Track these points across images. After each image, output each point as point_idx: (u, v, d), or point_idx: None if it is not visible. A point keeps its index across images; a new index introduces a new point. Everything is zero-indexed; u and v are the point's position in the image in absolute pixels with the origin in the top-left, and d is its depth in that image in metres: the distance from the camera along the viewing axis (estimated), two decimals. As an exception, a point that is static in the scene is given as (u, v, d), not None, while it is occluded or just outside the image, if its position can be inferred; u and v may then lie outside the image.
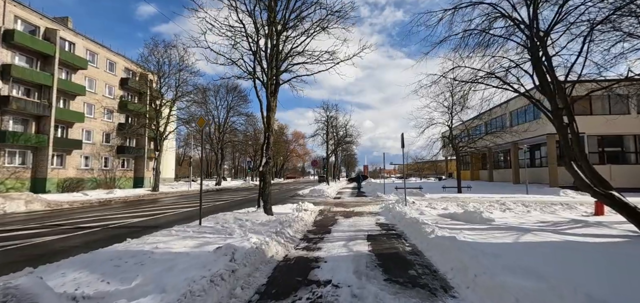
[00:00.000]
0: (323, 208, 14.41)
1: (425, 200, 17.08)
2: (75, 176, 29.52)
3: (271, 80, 10.64)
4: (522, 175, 30.24)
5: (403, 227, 8.72)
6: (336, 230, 8.78)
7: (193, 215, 12.03)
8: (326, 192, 22.07)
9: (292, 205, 13.74)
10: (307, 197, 20.70)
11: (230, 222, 8.62)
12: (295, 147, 76.78)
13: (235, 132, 43.51)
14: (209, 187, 35.31)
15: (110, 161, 33.91)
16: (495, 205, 12.33)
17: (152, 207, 15.49)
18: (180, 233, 6.84)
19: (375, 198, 19.72)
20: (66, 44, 28.93)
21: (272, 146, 10.71)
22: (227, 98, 39.02)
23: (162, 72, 26.53)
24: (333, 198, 20.76)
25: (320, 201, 18.25)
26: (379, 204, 15.72)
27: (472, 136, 23.91)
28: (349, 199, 19.80)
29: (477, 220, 8.88)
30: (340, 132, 38.31)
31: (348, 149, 54.96)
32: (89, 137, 31.54)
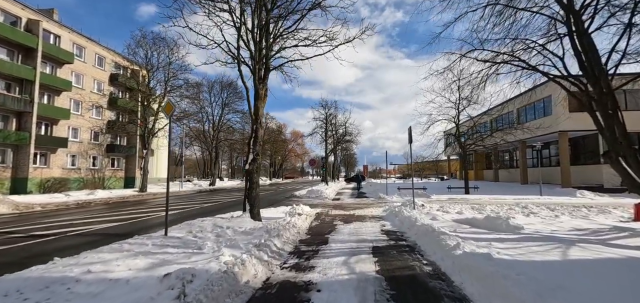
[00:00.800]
0: (320, 212, 12.96)
1: (433, 201, 15.64)
2: (60, 176, 28.01)
3: (259, 64, 9.17)
4: (531, 175, 28.86)
5: (415, 236, 7.26)
6: (335, 239, 7.33)
7: (174, 219, 10.58)
8: (324, 193, 20.62)
9: (286, 208, 12.29)
10: (304, 199, 19.24)
11: (207, 230, 7.16)
12: (294, 146, 75.31)
13: (231, 130, 41.95)
14: (202, 187, 33.86)
15: (99, 160, 32.38)
16: (515, 209, 10.89)
17: (132, 210, 14.01)
18: (134, 247, 5.38)
19: (378, 200, 18.27)
20: (51, 36, 27.42)
21: (260, 141, 9.26)
22: (222, 95, 37.55)
23: (151, 66, 25.01)
24: (332, 199, 19.31)
25: (317, 203, 16.80)
26: (382, 207, 14.28)
27: (480, 133, 22.42)
28: (349, 201, 18.35)
29: (502, 227, 7.43)
30: (339, 131, 36.89)
31: (348, 148, 53.48)
32: (76, 135, 30.03)
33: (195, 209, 14.31)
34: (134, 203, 17.67)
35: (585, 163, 24.12)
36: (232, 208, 12.88)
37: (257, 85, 9.11)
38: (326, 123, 34.23)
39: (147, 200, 19.91)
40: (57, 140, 27.31)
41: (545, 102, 24.94)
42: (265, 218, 9.47)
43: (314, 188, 22.53)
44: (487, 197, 18.67)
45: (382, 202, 17.03)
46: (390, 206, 13.31)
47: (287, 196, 21.81)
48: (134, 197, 21.46)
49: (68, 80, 28.12)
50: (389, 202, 16.31)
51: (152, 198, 21.29)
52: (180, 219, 10.00)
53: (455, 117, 21.34)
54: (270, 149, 60.42)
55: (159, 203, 17.06)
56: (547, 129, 22.48)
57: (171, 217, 11.45)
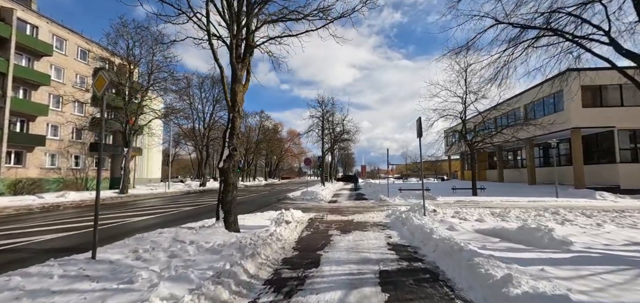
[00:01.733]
0: (314, 217, 11.27)
1: (442, 204, 13.99)
2: (38, 176, 26.15)
3: (237, 39, 7.47)
4: (539, 175, 27.31)
5: (434, 254, 5.58)
6: (329, 259, 5.63)
7: (134, 229, 8.86)
8: (320, 194, 18.93)
9: (274, 213, 10.59)
10: (297, 201, 17.55)
11: (161, 247, 5.45)
12: (290, 146, 73.52)
13: (222, 129, 40.07)
14: (191, 188, 32.07)
15: (82, 160, 30.51)
16: (544, 215, 9.22)
17: (100, 215, 12.25)
18: (30, 282, 3.65)
19: (379, 202, 16.60)
20: (27, 26, 25.58)
21: (239, 133, 7.54)
22: (213, 91, 35.61)
23: (133, 57, 23.16)
24: (328, 202, 17.62)
25: (312, 206, 15.10)
26: (385, 211, 12.61)
27: (490, 129, 20.78)
28: (347, 203, 16.67)
29: (544, 242, 5.77)
30: (336, 129, 35.12)
31: (346, 147, 51.76)
32: (56, 133, 28.16)
33: (172, 214, 12.57)
34: (109, 206, 15.89)
35: (599, 163, 22.58)
36: (212, 214, 11.16)
37: (234, 64, 7.40)
38: (323, 121, 32.51)
39: (125, 203, 18.12)
40: (34, 138, 25.45)
41: (555, 98, 23.37)
42: (245, 228, 7.76)
43: (309, 190, 20.83)
44: (498, 198, 17.05)
45: (384, 205, 15.37)
46: (394, 210, 11.64)
47: (280, 198, 20.10)
48: (112, 199, 19.65)
49: (46, 73, 26.25)
50: (392, 205, 14.64)
51: (131, 200, 19.48)
52: (142, 229, 8.29)
53: (461, 112, 19.73)
54: (266, 149, 58.61)
55: (137, 207, 15.30)
56: (560, 125, 20.89)
57: (141, 224, 9.73)
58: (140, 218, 11.40)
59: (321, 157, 33.07)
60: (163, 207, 15.28)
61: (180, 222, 9.46)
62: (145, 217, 11.60)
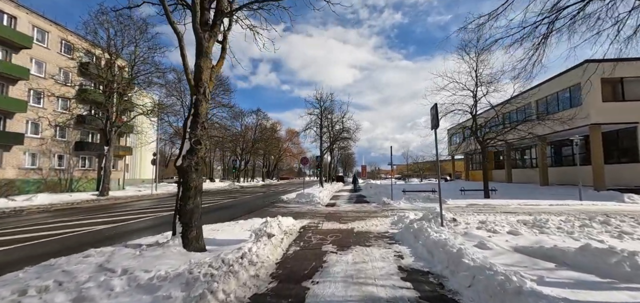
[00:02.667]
0: (307, 225, 9.56)
1: (452, 208, 12.27)
2: (16, 177, 24.47)
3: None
4: (551, 175, 25.58)
5: (470, 290, 3.84)
6: (318, 297, 3.91)
7: (87, 242, 7.15)
8: (317, 197, 17.19)
9: (259, 221, 8.89)
10: (291, 204, 15.83)
11: (73, 282, 3.72)
12: (289, 145, 71.77)
13: (216, 127, 38.20)
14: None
15: (65, 159, 28.79)
16: (593, 226, 7.45)
17: (66, 222, 10.53)
18: None
19: (382, 206, 14.86)
20: (4, 17, 23.89)
21: (204, 121, 5.80)
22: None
23: (114, 48, 21.39)
24: (325, 205, 15.89)
25: (307, 211, 13.38)
26: (390, 217, 10.90)
27: (503, 125, 19.01)
28: (346, 207, 14.94)
29: (623, 271, 4.05)
30: (335, 126, 33.27)
31: (346, 146, 49.96)
32: (37, 131, 26.45)
33: (136, 222, 10.85)
34: (76, 211, 14.15)
35: (619, 162, 20.84)
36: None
37: (198, 31, 5.68)
38: (321, 119, 30.75)
39: (98, 207, 16.40)
40: (11, 136, 23.73)
41: (572, 91, 21.66)
42: (215, 244, 6.04)
43: (306, 192, 19.09)
44: (514, 201, 15.32)
45: (387, 209, 13.64)
46: (400, 217, 9.93)
47: (273, 201, 18.37)
48: (88, 202, 17.90)
49: (25, 67, 24.54)
50: (397, 210, 12.92)
51: (110, 204, 17.76)
52: (79, 246, 6.58)
53: (472, 106, 18.00)
54: (263, 148, 56.81)
55: (112, 212, 13.58)
56: (580, 120, 19.15)
57: (88, 237, 7.97)
58: (95, 227, 9.66)
59: (319, 157, 31.34)
60: (135, 212, 13.56)
61: (136, 234, 7.76)
62: (103, 226, 9.85)
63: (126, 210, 14.29)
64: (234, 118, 42.62)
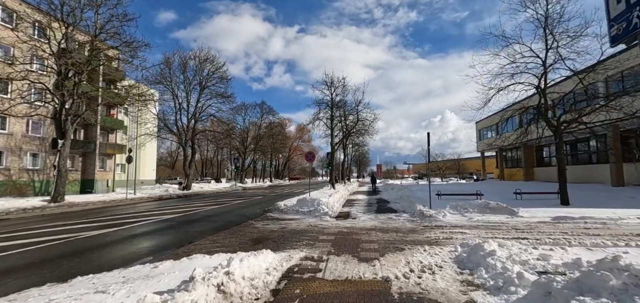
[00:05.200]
0: (297, 268, 4.93)
1: (533, 227, 7.41)
2: (-25, 178, 20.92)
3: None
4: (627, 173, 19.97)
5: None
6: None
7: None
8: (324, 203, 12.48)
9: (206, 260, 4.31)
10: (287, 215, 11.24)
11: None
12: (299, 144, 67.31)
13: (213, 121, 33.98)
14: (168, 193, 26.30)
15: (41, 159, 25.24)
16: None
17: None
18: None
19: (420, 219, 10.04)
20: (-40, -9, 20.37)
21: None
22: (200, 73, 29.55)
23: (69, 9, 17.12)
24: (335, 216, 11.22)
25: (305, 228, 8.76)
26: (448, 245, 6.20)
27: (591, 100, 13.64)
28: (365, 220, 10.24)
29: None
30: (349, 117, 28.19)
31: (360, 143, 44.90)
32: (3, 126, 22.92)
33: (45, 248, 6.53)
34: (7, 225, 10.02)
35: None
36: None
37: None
38: (331, 107, 25.95)
39: (47, 215, 12.31)
40: (-34, 131, 20.16)
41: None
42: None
43: (309, 196, 14.44)
44: (607, 212, 10.20)
45: (433, 225, 8.85)
46: (473, 249, 5.20)
47: (266, 208, 13.84)
48: (30, 210, 13.82)
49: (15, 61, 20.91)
50: (449, 227, 8.15)
51: (52, 213, 13.67)
52: None
53: (540, 77, 12.92)
54: (270, 146, 52.38)
55: (45, 228, 9.39)
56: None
57: None
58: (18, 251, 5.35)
59: (330, 154, 26.67)
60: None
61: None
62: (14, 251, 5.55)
63: (52, 226, 10.06)
64: (235, 112, 38.51)
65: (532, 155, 32.44)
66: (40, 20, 17.51)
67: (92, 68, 18.35)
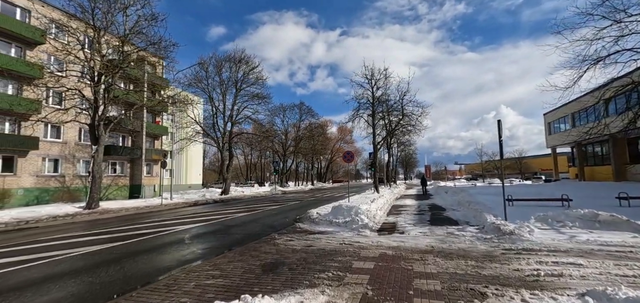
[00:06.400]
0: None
1: None
2: (34, 185, 22.23)
3: None
4: None
5: None
6: None
7: None
8: (364, 212, 10.24)
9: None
10: (319, 226, 9.22)
11: None
12: (341, 145, 65.15)
13: (252, 124, 33.12)
14: (205, 198, 25.85)
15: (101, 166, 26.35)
16: None
17: None
18: None
19: (491, 234, 7.36)
20: (16, 10, 21.87)
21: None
22: (236, 74, 28.81)
23: (104, 15, 17.09)
24: (377, 230, 8.96)
25: (335, 248, 6.64)
26: (561, 289, 3.62)
27: None
28: (416, 236, 7.86)
29: None
30: (392, 113, 25.02)
31: (406, 142, 41.35)
32: (58, 135, 24.24)
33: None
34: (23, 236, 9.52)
35: None
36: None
37: None
38: (373, 102, 23.38)
39: (72, 224, 11.86)
40: (23, 140, 21.41)
41: None
42: None
43: (347, 204, 12.28)
44: None
45: (519, 248, 6.20)
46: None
47: (298, 216, 11.96)
48: (64, 216, 13.58)
49: (38, 63, 22.18)
50: (547, 254, 5.45)
51: (86, 221, 13.25)
52: None
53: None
54: (310, 148, 50.88)
55: (52, 241, 8.64)
56: None
57: None
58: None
59: (373, 154, 24.14)
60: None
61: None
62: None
63: (77, 237, 9.24)
64: (273, 114, 37.63)
65: (623, 149, 26.59)
66: (74, 27, 17.69)
67: (122, 71, 18.19)
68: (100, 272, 5.61)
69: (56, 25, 20.62)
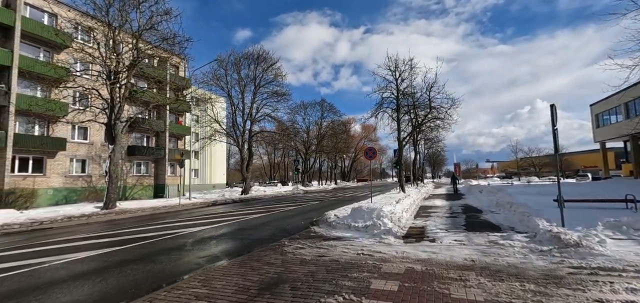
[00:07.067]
0: None
1: None
2: (62, 186, 22.84)
3: None
4: None
5: None
6: None
7: None
8: (388, 215, 9.00)
9: None
10: (336, 231, 8.11)
11: None
12: (365, 143, 63.38)
13: (272, 121, 32.41)
14: (225, 198, 25.48)
15: (118, 166, 26.86)
16: None
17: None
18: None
19: (548, 245, 5.90)
20: (44, 15, 22.52)
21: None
22: (255, 70, 28.26)
23: (112, 17, 17.00)
24: (403, 236, 7.72)
25: (350, 261, 5.49)
26: None
27: None
28: (451, 245, 6.58)
29: None
30: (419, 109, 23.19)
31: (434, 138, 39.03)
32: (85, 136, 24.82)
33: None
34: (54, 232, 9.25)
35: None
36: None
37: None
38: (397, 95, 21.80)
39: (87, 224, 11.60)
40: (52, 141, 21.98)
41: None
42: None
43: (369, 205, 11.07)
44: None
45: (594, 266, 4.76)
46: None
47: (314, 219, 10.90)
48: (79, 217, 13.45)
49: (63, 67, 22.73)
50: (636, 276, 4.00)
51: (101, 221, 13.02)
52: None
53: None
54: (333, 148, 49.63)
55: (56, 244, 8.25)
56: None
57: None
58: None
59: (398, 151, 22.59)
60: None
61: None
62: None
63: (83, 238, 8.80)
64: (294, 111, 36.84)
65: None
66: (89, 26, 17.81)
67: (138, 69, 18.04)
68: (77, 287, 4.86)
69: (73, 25, 20.86)
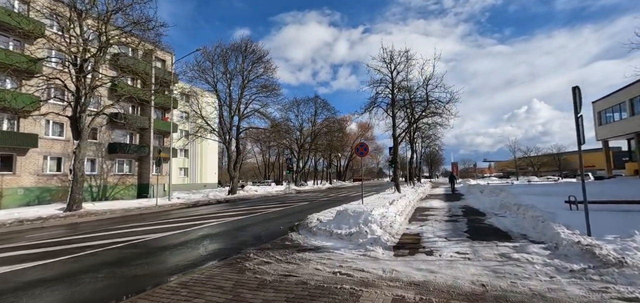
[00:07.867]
0: None
1: None
2: (35, 184, 21.29)
3: None
4: None
5: None
6: None
7: None
8: (377, 220, 7.65)
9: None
10: (315, 239, 6.72)
11: None
12: (361, 142, 62.14)
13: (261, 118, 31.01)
14: (209, 198, 24.02)
15: (98, 164, 25.38)
16: None
17: None
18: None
19: (576, 261, 4.56)
20: (15, 1, 20.96)
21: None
22: (243, 63, 26.73)
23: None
24: (393, 246, 6.36)
25: (325, 287, 4.13)
26: None
27: None
28: (453, 260, 5.23)
29: None
30: (414, 101, 21.72)
31: (432, 136, 37.74)
32: (61, 132, 23.27)
33: None
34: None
35: None
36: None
37: None
38: (392, 88, 20.45)
39: (32, 229, 10.16)
40: (22, 138, 20.43)
41: None
42: None
43: (356, 208, 9.73)
44: None
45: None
46: None
47: (295, 223, 9.53)
48: (32, 221, 11.96)
49: (31, 56, 21.17)
50: None
51: (58, 224, 11.55)
52: None
53: None
54: (327, 146, 48.20)
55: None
56: None
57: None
58: None
59: (392, 148, 21.27)
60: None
61: None
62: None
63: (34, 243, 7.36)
64: (287, 108, 35.47)
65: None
66: (54, 9, 16.30)
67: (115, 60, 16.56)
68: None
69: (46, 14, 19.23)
